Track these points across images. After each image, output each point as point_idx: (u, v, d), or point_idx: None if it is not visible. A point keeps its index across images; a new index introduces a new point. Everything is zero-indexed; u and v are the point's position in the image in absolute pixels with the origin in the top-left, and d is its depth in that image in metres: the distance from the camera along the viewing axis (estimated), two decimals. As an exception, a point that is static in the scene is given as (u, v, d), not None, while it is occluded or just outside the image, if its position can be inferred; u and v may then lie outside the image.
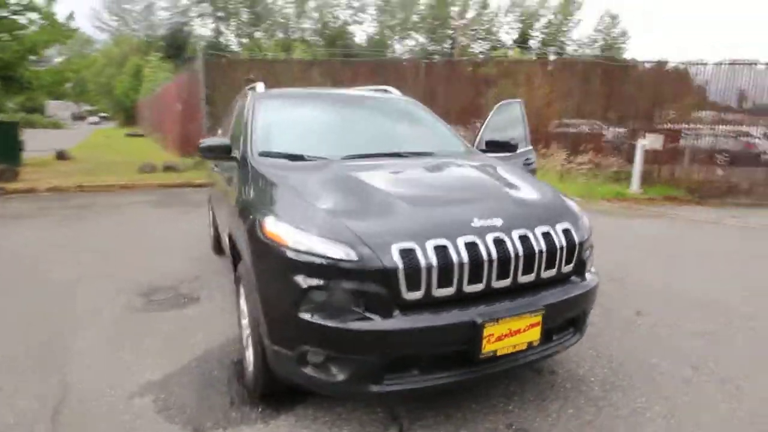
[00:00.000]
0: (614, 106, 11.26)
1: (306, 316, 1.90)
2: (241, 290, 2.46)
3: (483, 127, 3.96)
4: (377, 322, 1.86)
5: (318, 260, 1.89)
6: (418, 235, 1.94)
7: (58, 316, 3.46)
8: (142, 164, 11.41)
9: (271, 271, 2.04)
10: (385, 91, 4.04)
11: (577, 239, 2.24)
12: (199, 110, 11.24)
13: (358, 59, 21.06)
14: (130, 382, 2.58)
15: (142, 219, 6.85)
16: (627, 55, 44.03)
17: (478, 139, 3.77)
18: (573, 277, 2.31)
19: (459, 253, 1.93)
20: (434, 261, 1.90)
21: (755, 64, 10.21)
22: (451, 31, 46.75)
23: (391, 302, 1.87)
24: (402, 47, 51.55)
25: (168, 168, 11.38)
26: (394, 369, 1.94)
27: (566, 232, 2.22)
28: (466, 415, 2.31)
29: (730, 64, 10.31)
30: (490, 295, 2.02)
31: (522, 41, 48.71)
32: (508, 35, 51.83)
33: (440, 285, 1.92)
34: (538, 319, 2.03)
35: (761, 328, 3.45)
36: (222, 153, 3.02)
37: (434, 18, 49.28)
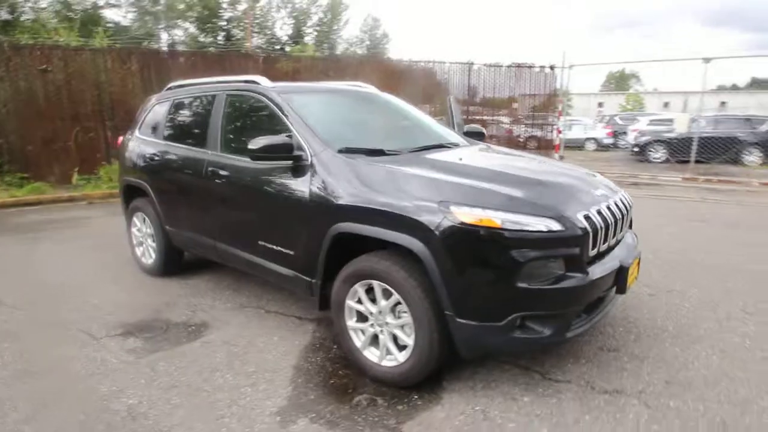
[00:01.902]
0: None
1: (523, 285, 2.16)
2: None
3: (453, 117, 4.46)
4: (579, 279, 2.24)
5: (531, 235, 2.16)
6: (581, 205, 2.38)
7: (75, 396, 2.65)
8: None
9: (477, 254, 2.20)
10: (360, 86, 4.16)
11: (631, 203, 2.98)
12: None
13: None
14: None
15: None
16: (391, 55, 49.48)
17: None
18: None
19: (605, 217, 2.45)
20: (599, 223, 2.38)
21: (472, 64, 12.82)
22: (224, 23, 44.68)
23: (583, 261, 2.28)
24: (169, 37, 46.93)
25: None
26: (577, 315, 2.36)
27: (624, 198, 2.94)
28: (576, 348, 2.87)
29: (461, 64, 12.74)
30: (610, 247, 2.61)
31: (297, 38, 49.87)
32: (282, 31, 52.30)
33: (603, 242, 2.42)
34: (638, 259, 2.71)
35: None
36: (284, 152, 2.81)
37: (204, 7, 46.26)
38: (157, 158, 4.00)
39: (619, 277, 2.48)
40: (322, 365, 2.80)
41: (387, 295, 2.49)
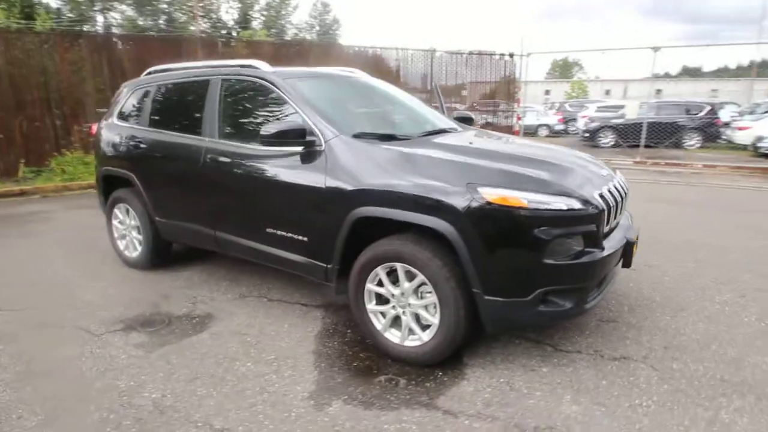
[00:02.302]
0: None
1: (548, 261, 2.27)
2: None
3: (442, 104, 4.54)
4: (597, 254, 2.39)
5: (555, 213, 2.28)
6: (594, 184, 2.52)
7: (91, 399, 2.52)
8: None
9: (505, 233, 2.29)
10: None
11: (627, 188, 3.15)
12: None
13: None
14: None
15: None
16: (342, 41, 48.86)
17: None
18: None
19: (614, 195, 2.61)
20: (612, 202, 2.53)
21: (434, 51, 12.94)
22: (165, 6, 42.44)
23: (600, 237, 2.43)
24: (105, 20, 44.12)
25: None
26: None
27: (621, 178, 3.12)
28: (578, 321, 3.05)
29: (423, 51, 12.80)
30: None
31: (243, 23, 48.24)
32: (228, 15, 50.41)
33: (614, 219, 2.58)
34: (637, 237, 2.91)
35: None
36: (297, 137, 2.78)
37: (141, -11, 43.71)
38: (142, 146, 3.83)
39: (627, 252, 2.66)
40: (340, 350, 2.82)
41: (410, 276, 2.55)
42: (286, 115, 3.03)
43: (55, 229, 5.62)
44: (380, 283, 2.67)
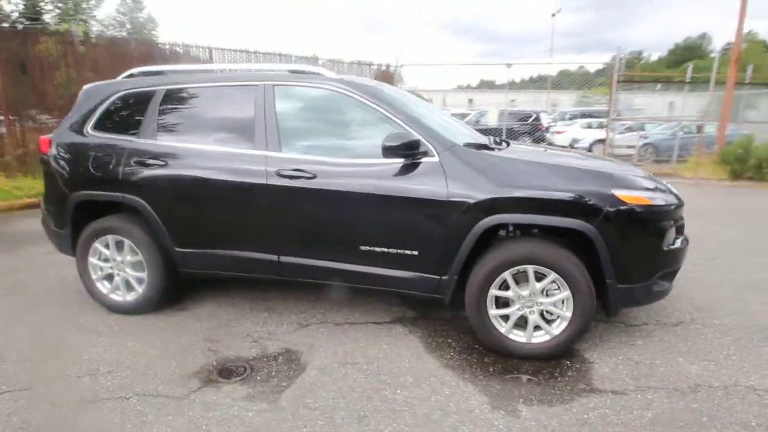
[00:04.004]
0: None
1: (666, 248, 2.71)
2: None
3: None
4: (684, 240, 2.90)
5: (666, 208, 2.70)
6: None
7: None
8: None
9: (637, 227, 2.63)
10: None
11: None
12: None
13: None
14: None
15: None
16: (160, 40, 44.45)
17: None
18: None
19: None
20: None
21: (317, 59, 13.11)
22: None
23: (683, 226, 2.94)
24: None
25: None
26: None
27: None
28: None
29: (296, 57, 12.84)
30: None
31: (32, 14, 40.49)
32: (10, 5, 41.64)
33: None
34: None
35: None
36: (414, 149, 2.73)
37: None
38: (153, 163, 3.16)
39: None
40: (464, 359, 2.84)
41: (538, 277, 2.72)
42: (370, 125, 2.93)
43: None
44: (505, 287, 2.78)
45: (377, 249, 2.90)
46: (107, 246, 3.36)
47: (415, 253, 2.85)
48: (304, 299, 3.63)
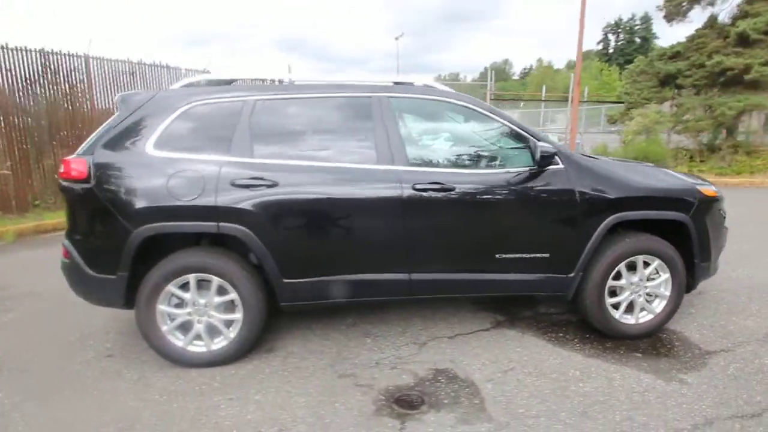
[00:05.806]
0: None
1: (725, 229, 3.40)
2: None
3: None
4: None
5: (719, 197, 3.36)
6: None
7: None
8: None
9: (712, 214, 3.21)
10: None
11: None
12: None
13: None
14: None
15: None
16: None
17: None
18: None
19: None
20: None
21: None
22: None
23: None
24: None
25: None
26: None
27: None
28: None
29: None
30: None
31: None
32: None
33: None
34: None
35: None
36: (554, 157, 2.93)
37: None
38: (262, 184, 2.72)
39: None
40: (594, 347, 3.09)
41: (645, 265, 3.14)
42: (497, 137, 3.09)
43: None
44: (617, 277, 3.13)
45: (511, 255, 2.98)
46: (185, 287, 2.76)
47: (546, 255, 3.02)
48: (391, 320, 3.46)
